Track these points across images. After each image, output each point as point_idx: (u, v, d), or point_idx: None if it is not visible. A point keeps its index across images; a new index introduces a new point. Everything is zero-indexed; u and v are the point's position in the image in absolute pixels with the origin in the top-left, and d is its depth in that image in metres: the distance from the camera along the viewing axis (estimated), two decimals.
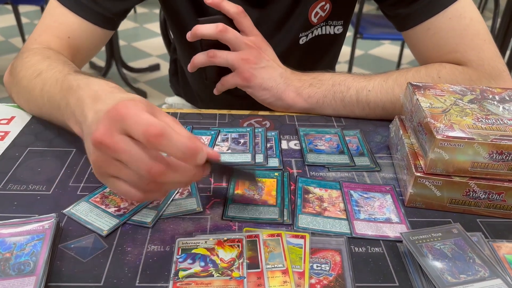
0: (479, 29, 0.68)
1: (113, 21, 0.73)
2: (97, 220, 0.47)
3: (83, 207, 0.49)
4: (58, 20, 0.69)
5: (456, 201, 0.50)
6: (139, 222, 0.47)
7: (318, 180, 0.55)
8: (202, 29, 0.64)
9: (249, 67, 0.66)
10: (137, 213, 0.48)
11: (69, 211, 0.48)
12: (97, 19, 0.70)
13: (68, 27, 0.69)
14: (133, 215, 0.48)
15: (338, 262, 0.43)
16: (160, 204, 0.49)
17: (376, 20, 2.34)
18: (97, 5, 0.69)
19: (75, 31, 0.69)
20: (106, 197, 0.50)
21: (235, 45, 0.66)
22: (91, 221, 0.47)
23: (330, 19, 0.77)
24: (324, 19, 0.77)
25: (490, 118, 0.50)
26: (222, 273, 0.41)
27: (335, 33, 0.80)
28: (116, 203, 0.49)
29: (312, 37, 0.79)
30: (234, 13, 0.65)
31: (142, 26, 3.68)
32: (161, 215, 0.48)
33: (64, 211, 0.48)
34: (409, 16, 0.69)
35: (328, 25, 0.78)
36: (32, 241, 0.43)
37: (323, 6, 0.74)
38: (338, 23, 0.79)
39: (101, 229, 0.46)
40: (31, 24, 3.52)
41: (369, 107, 0.68)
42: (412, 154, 0.52)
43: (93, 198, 0.50)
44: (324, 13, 0.76)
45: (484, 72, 0.67)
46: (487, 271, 0.41)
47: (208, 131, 0.64)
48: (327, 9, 0.75)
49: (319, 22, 0.77)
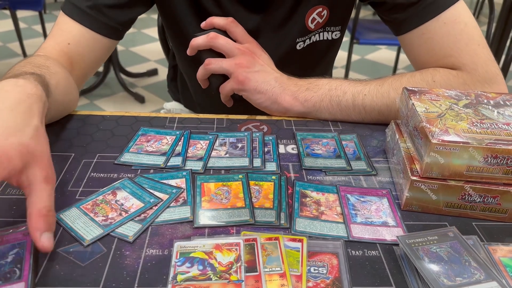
0: (473, 34, 0.69)
1: (118, 30, 0.73)
2: (82, 228, 0.46)
3: (72, 213, 0.48)
4: (61, 27, 0.70)
5: (452, 204, 0.50)
6: (121, 235, 0.46)
7: (315, 184, 0.55)
8: (197, 41, 0.68)
9: (243, 71, 0.67)
10: (123, 225, 0.47)
11: (57, 216, 0.47)
12: (100, 28, 0.70)
13: (69, 33, 0.69)
14: (119, 226, 0.47)
15: (335, 265, 0.43)
16: (146, 218, 0.48)
17: (372, 26, 2.36)
18: (101, 14, 0.69)
19: (75, 37, 0.69)
20: (97, 205, 0.50)
21: (228, 51, 0.68)
22: (77, 229, 0.46)
23: (327, 25, 0.78)
24: (322, 25, 0.78)
25: (485, 122, 0.51)
26: (220, 277, 0.41)
27: (332, 39, 0.81)
28: (105, 212, 0.49)
29: (309, 43, 0.79)
30: (224, 24, 0.69)
31: (140, 31, 3.69)
32: (145, 229, 0.47)
33: None
34: (405, 20, 0.70)
35: (326, 31, 0.79)
36: (14, 249, 0.43)
37: (320, 12, 0.75)
38: (336, 28, 0.80)
39: (84, 238, 0.45)
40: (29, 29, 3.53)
41: (365, 111, 0.68)
42: (408, 158, 0.53)
43: (84, 205, 0.50)
44: (322, 19, 0.76)
45: (479, 76, 0.68)
46: (482, 274, 0.41)
47: (206, 136, 0.65)
48: (324, 15, 0.76)
49: (316, 28, 0.78)
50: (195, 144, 0.63)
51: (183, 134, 0.64)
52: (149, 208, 0.50)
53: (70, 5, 0.70)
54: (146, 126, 0.66)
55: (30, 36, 3.35)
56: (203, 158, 0.59)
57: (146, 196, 0.51)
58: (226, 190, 0.53)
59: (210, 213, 0.50)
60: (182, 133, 0.65)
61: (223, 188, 0.54)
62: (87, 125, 0.66)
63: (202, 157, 0.60)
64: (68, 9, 0.69)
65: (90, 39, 0.70)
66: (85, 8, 0.69)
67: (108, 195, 0.51)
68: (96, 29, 0.70)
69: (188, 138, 0.64)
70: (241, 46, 0.69)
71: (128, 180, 0.54)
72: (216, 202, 0.51)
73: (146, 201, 0.51)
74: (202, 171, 0.57)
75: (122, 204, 0.50)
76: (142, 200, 0.51)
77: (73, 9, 0.69)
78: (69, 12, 0.69)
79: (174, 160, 0.58)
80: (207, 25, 0.70)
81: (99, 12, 0.69)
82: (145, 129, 0.65)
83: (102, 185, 0.53)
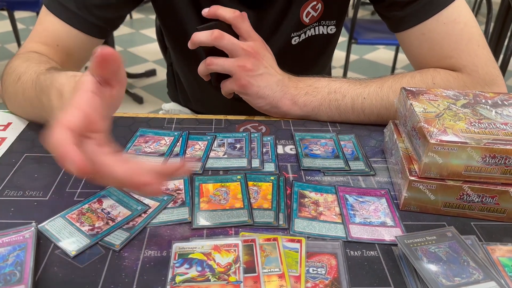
0: (473, 33, 0.69)
1: (105, 29, 0.72)
2: (68, 239, 0.45)
3: (58, 223, 0.47)
4: (47, 28, 0.69)
5: (450, 204, 0.50)
6: (109, 244, 0.45)
7: (314, 184, 0.56)
8: (199, 36, 0.64)
9: (246, 75, 0.66)
10: (110, 234, 0.46)
11: (42, 227, 0.46)
12: (86, 27, 0.69)
13: (56, 35, 0.69)
14: (106, 235, 0.46)
15: (334, 266, 0.43)
16: (135, 227, 0.47)
17: (370, 25, 2.36)
18: (90, 14, 0.68)
19: (63, 39, 0.69)
20: (83, 214, 0.48)
21: (232, 51, 0.65)
22: (62, 239, 0.45)
23: (322, 19, 0.77)
24: (317, 19, 0.77)
25: (483, 122, 0.51)
26: (219, 278, 0.41)
27: (328, 33, 0.80)
28: (91, 221, 0.48)
29: (305, 37, 0.79)
30: (230, 18, 0.65)
31: (138, 32, 3.69)
32: (133, 237, 0.46)
33: (39, 226, 0.46)
34: (404, 18, 0.70)
35: (321, 25, 0.78)
36: (14, 251, 0.43)
37: (314, 6, 0.74)
38: (331, 23, 0.79)
39: (70, 250, 0.44)
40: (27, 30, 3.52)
41: (364, 114, 0.68)
42: (406, 158, 0.53)
43: (70, 214, 0.48)
44: (316, 13, 0.75)
45: (479, 78, 0.68)
46: (481, 273, 0.41)
47: (205, 136, 0.65)
48: (319, 9, 0.75)
49: (311, 22, 0.76)
50: (193, 145, 0.62)
51: (181, 135, 0.64)
52: (138, 216, 0.49)
53: (56, 3, 0.68)
54: (144, 127, 0.66)
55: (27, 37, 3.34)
56: (202, 159, 0.59)
57: (134, 204, 0.50)
58: (224, 191, 0.53)
59: (209, 214, 0.50)
60: (180, 134, 0.65)
61: (222, 189, 0.54)
62: None
63: (200, 157, 0.60)
64: (55, 8, 0.68)
65: (76, 38, 0.69)
66: (73, 8, 0.67)
67: (94, 203, 0.50)
68: (82, 29, 0.69)
69: (187, 139, 0.64)
70: (246, 45, 0.65)
71: (113, 187, 0.53)
72: (214, 203, 0.51)
73: (133, 208, 0.50)
74: (201, 171, 0.57)
75: (108, 212, 0.49)
76: (129, 207, 0.50)
77: (59, 8, 0.67)
78: (56, 11, 0.67)
79: (172, 161, 0.58)
80: (210, 14, 0.65)
81: (88, 12, 0.68)
82: (143, 130, 0.65)
83: (100, 186, 0.53)
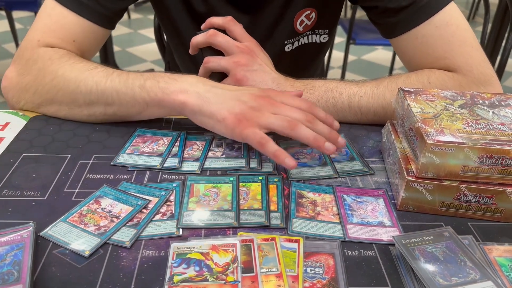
0: (466, 35, 0.69)
1: (112, 20, 0.73)
2: (77, 240, 0.45)
3: (61, 227, 0.47)
4: (59, 21, 0.69)
5: (447, 204, 0.51)
6: (118, 242, 0.45)
7: (312, 184, 0.56)
8: (196, 39, 0.68)
9: (241, 69, 0.67)
10: (117, 232, 0.46)
11: (46, 233, 0.46)
12: (97, 18, 0.70)
13: (72, 30, 0.69)
14: (114, 233, 0.46)
15: (332, 266, 0.44)
16: (140, 223, 0.48)
17: (368, 26, 2.36)
18: (97, 3, 0.69)
19: (77, 33, 0.69)
20: (84, 216, 0.48)
21: (227, 49, 0.68)
22: (71, 242, 0.45)
23: (316, 28, 0.79)
24: (310, 27, 0.78)
25: (480, 122, 0.51)
26: (217, 278, 0.41)
27: (321, 42, 0.82)
28: (95, 221, 0.48)
29: (298, 45, 0.80)
30: (223, 23, 0.69)
31: (136, 32, 3.68)
32: (140, 234, 0.46)
33: (41, 233, 0.46)
34: (397, 24, 0.71)
35: (314, 34, 0.80)
36: (12, 251, 0.43)
37: (308, 14, 0.76)
38: (324, 31, 0.81)
39: (83, 250, 0.44)
40: (24, 30, 3.51)
41: (361, 112, 0.68)
42: (403, 159, 0.53)
43: (71, 218, 0.48)
44: (310, 22, 0.77)
45: (474, 78, 0.69)
46: (478, 273, 0.41)
47: (203, 137, 0.65)
48: (312, 18, 0.77)
49: (305, 30, 0.78)
50: (191, 145, 0.62)
51: (179, 135, 0.64)
52: (140, 211, 0.49)
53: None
54: (142, 127, 0.66)
55: None
56: (200, 159, 0.59)
57: (133, 200, 0.51)
58: (215, 192, 0.53)
59: (195, 214, 0.50)
60: (178, 134, 0.65)
61: (213, 190, 0.54)
62: (83, 126, 0.66)
63: (198, 158, 0.60)
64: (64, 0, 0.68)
65: (88, 30, 0.70)
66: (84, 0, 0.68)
67: (92, 204, 0.50)
68: (93, 19, 0.70)
69: (185, 139, 0.64)
70: (240, 44, 0.68)
71: (108, 187, 0.53)
72: (203, 204, 0.51)
73: (134, 204, 0.50)
74: (199, 172, 0.57)
75: (110, 211, 0.49)
76: (129, 204, 0.50)
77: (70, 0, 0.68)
78: (67, 3, 0.68)
79: (170, 161, 0.58)
80: (206, 27, 0.70)
81: (97, 2, 0.69)
82: (142, 130, 0.65)
83: (98, 186, 0.53)
